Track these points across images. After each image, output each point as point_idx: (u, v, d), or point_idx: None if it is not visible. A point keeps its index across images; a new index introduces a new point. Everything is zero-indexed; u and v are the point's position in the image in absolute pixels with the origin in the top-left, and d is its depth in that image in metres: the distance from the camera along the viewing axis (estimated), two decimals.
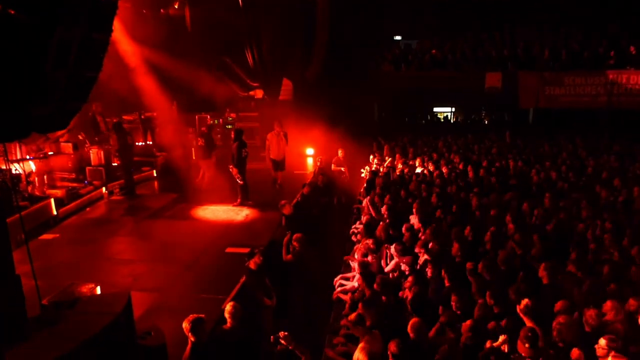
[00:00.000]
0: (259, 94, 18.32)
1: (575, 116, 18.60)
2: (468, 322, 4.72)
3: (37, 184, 10.51)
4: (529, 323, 4.54)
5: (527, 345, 4.21)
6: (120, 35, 12.78)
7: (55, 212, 9.96)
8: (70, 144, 11.70)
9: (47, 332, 4.05)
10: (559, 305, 4.92)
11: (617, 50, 17.17)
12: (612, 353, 4.04)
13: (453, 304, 5.18)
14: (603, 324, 4.55)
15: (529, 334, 4.23)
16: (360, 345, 4.59)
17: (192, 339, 4.52)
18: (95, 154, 12.19)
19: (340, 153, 13.10)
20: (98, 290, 5.39)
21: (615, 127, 16.80)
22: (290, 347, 4.43)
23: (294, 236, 7.17)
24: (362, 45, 19.45)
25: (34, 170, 10.58)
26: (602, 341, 4.10)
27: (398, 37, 24.75)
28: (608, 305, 4.74)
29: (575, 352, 4.19)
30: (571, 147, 14.30)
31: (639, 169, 11.21)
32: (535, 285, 5.63)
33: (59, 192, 10.58)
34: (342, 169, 12.83)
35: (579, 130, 16.71)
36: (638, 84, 16.57)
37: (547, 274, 5.60)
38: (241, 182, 10.91)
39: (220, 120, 17.71)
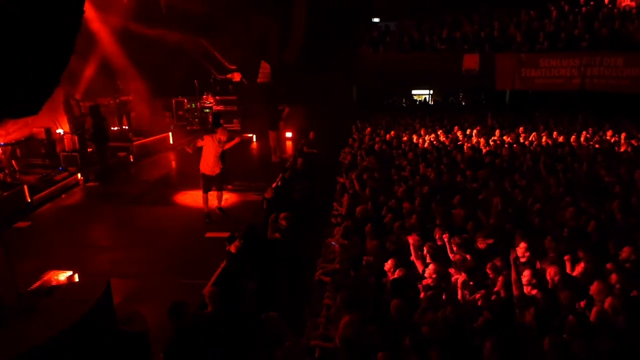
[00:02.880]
0: (236, 76, 18.11)
1: (551, 98, 18.92)
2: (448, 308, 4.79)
3: (8, 171, 10.26)
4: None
5: None
6: (93, 17, 12.46)
7: (29, 200, 9.75)
8: (42, 129, 11.42)
9: (24, 320, 3.98)
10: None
11: (591, 32, 17.41)
12: None
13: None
14: None
15: None
16: (340, 325, 4.65)
17: (175, 324, 4.51)
18: (69, 139, 11.92)
19: (310, 136, 13.14)
20: (76, 278, 5.33)
21: (590, 108, 17.12)
22: (278, 331, 4.47)
23: (281, 215, 7.18)
24: (340, 26, 19.33)
25: (5, 157, 10.31)
26: None
27: (376, 19, 24.66)
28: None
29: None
30: (543, 128, 14.57)
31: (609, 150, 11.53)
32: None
33: (32, 179, 10.35)
34: (314, 151, 12.84)
35: (554, 111, 17.01)
36: (611, 66, 16.85)
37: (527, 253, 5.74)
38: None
39: (198, 104, 17.48)
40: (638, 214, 7.13)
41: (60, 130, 12.32)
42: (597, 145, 12.08)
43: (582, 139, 12.74)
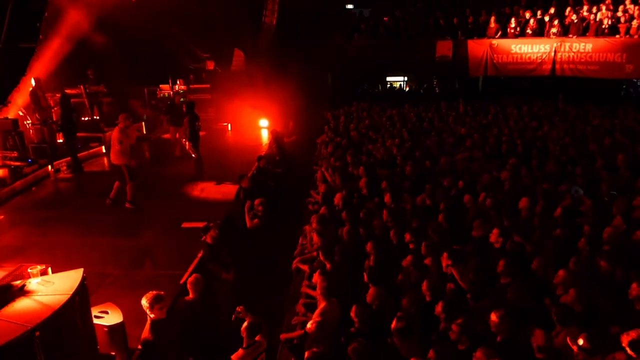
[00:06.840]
0: (210, 65, 17.88)
1: (523, 84, 19.21)
2: (424, 282, 4.90)
3: None
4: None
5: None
6: (62, 5, 12.09)
7: None
8: (9, 121, 11.08)
9: None
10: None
11: (560, 17, 17.69)
12: None
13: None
14: None
15: None
16: (318, 310, 4.69)
17: (152, 315, 4.49)
18: (37, 131, 11.60)
19: (290, 125, 13.16)
20: (49, 271, 5.23)
21: (562, 93, 17.43)
22: (247, 320, 4.49)
23: (256, 201, 7.16)
24: (314, 13, 19.22)
25: None
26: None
27: (350, 6, 24.59)
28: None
29: None
30: (517, 114, 14.80)
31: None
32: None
33: (0, 172, 10.07)
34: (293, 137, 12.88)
35: (526, 97, 17.29)
36: (580, 52, 17.16)
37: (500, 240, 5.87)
38: (195, 156, 10.72)
39: (171, 92, 17.17)
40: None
41: (28, 122, 11.96)
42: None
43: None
